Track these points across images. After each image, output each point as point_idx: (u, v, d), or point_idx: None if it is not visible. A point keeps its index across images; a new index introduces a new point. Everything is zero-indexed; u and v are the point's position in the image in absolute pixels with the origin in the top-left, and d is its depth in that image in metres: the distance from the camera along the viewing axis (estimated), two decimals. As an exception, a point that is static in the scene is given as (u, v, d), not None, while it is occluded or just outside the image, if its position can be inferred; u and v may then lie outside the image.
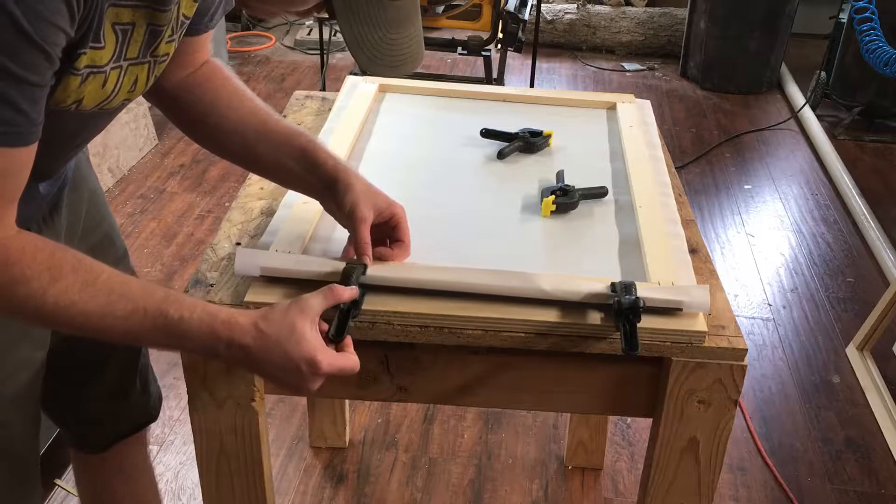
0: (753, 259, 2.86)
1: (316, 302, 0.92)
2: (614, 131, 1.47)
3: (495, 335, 1.00)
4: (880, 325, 2.32)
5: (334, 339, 0.93)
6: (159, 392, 1.37)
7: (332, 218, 1.16)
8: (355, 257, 1.02)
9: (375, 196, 1.06)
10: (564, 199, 1.22)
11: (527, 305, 1.00)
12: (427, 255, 1.09)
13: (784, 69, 4.38)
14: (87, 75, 0.83)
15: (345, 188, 1.04)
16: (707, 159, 3.55)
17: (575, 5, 4.72)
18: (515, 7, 3.00)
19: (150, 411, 1.36)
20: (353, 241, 1.04)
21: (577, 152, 1.40)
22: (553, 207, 1.20)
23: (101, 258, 1.04)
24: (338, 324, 0.94)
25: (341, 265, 1.01)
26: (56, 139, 0.90)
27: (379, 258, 1.04)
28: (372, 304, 0.99)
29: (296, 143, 1.08)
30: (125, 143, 3.20)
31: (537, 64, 3.73)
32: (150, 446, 1.98)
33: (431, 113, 1.51)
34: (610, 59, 4.66)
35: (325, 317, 0.93)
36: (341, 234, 1.14)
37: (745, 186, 3.35)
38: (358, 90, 1.53)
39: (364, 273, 1.00)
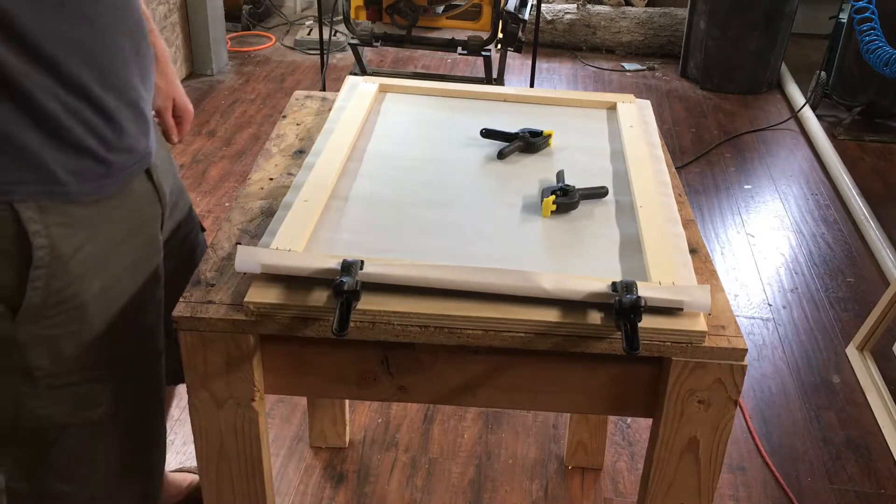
0: (753, 259, 2.86)
1: None
2: (614, 131, 1.47)
3: (495, 335, 1.00)
4: (880, 325, 2.32)
5: (338, 333, 0.93)
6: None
7: (331, 218, 1.17)
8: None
9: (174, 91, 1.31)
10: (565, 199, 1.22)
11: (527, 305, 1.00)
12: (427, 255, 1.09)
13: (784, 69, 4.38)
14: None
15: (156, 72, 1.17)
16: (707, 159, 3.55)
17: (575, 5, 4.72)
18: (515, 7, 3.00)
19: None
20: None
21: (577, 152, 1.40)
22: (553, 207, 1.20)
23: (186, 229, 1.31)
24: (339, 316, 0.94)
25: (341, 262, 1.01)
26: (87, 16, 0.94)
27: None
28: (372, 304, 0.99)
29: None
30: (125, 143, 3.20)
31: (537, 64, 3.73)
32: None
33: (431, 113, 1.51)
34: (610, 59, 4.66)
35: (326, 310, 0.93)
36: (341, 234, 1.14)
37: (745, 186, 3.35)
38: (358, 90, 1.53)
39: (362, 268, 1.00)
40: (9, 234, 0.95)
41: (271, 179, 1.30)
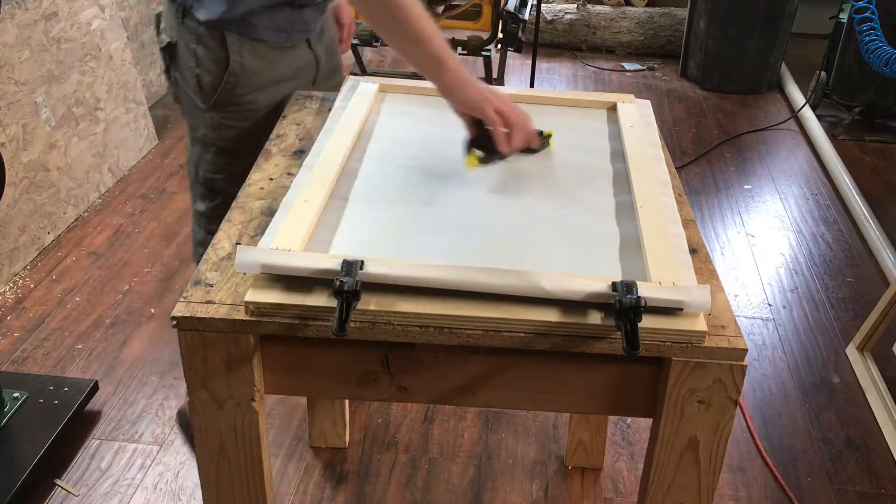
0: (753, 259, 2.86)
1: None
2: (614, 131, 1.47)
3: (495, 335, 1.00)
4: (880, 325, 2.32)
5: (338, 333, 0.93)
6: None
7: (330, 217, 1.17)
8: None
9: (350, 16, 1.81)
10: (488, 154, 1.32)
11: (527, 305, 1.00)
12: (427, 255, 1.09)
13: (784, 69, 4.38)
14: None
15: None
16: (707, 159, 3.55)
17: (575, 5, 4.72)
18: (515, 7, 3.00)
19: None
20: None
21: (578, 152, 1.40)
22: (476, 162, 1.31)
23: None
24: (339, 316, 0.94)
25: (341, 262, 1.01)
26: None
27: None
28: (372, 304, 0.99)
29: None
30: (125, 143, 3.20)
31: (537, 64, 3.73)
32: (151, 446, 1.99)
33: (431, 113, 1.51)
34: (610, 59, 4.66)
35: (326, 310, 0.93)
36: (340, 234, 1.14)
37: (745, 186, 3.35)
38: (358, 90, 1.53)
39: (362, 268, 1.00)
40: (218, 48, 1.47)
41: (271, 179, 1.30)
